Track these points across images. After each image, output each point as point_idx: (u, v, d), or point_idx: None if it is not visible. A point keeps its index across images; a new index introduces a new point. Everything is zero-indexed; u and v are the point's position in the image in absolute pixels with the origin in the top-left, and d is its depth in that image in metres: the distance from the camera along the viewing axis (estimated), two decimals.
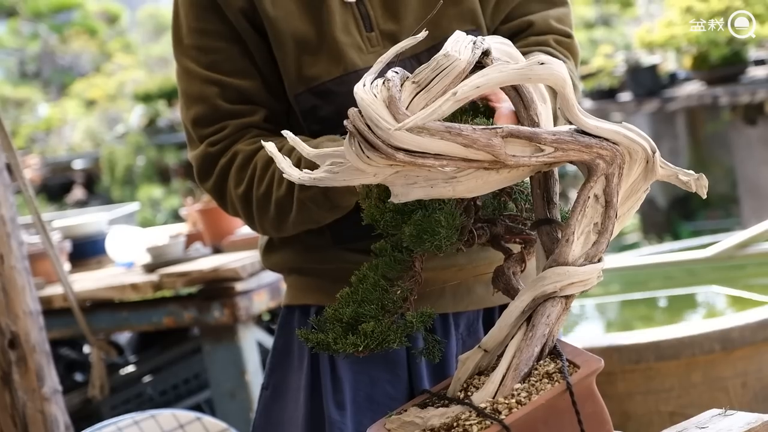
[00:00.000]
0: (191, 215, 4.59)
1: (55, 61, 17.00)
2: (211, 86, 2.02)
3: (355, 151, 1.36)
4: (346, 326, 1.52)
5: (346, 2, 2.01)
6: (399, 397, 2.05)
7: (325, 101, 1.99)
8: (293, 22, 2.00)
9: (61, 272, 3.83)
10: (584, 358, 1.46)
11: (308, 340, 1.53)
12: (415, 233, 1.48)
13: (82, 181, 13.66)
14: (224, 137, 2.02)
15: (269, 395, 2.19)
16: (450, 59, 1.36)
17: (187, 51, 2.06)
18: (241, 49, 2.03)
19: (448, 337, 2.09)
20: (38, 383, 3.00)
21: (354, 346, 1.49)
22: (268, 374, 2.20)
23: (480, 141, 1.35)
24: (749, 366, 3.22)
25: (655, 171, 1.47)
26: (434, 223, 1.47)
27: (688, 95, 8.49)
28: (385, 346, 1.50)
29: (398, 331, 1.51)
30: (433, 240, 1.47)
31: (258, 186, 1.97)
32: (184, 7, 2.06)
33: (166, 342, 4.93)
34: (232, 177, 2.01)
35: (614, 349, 3.21)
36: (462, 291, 2.08)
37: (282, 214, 1.97)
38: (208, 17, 2.03)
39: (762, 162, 8.56)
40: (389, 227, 1.54)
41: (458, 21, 2.03)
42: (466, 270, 2.04)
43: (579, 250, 1.47)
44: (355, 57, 1.99)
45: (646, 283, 4.62)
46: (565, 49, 2.09)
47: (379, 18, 2.02)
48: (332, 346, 1.51)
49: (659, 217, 9.90)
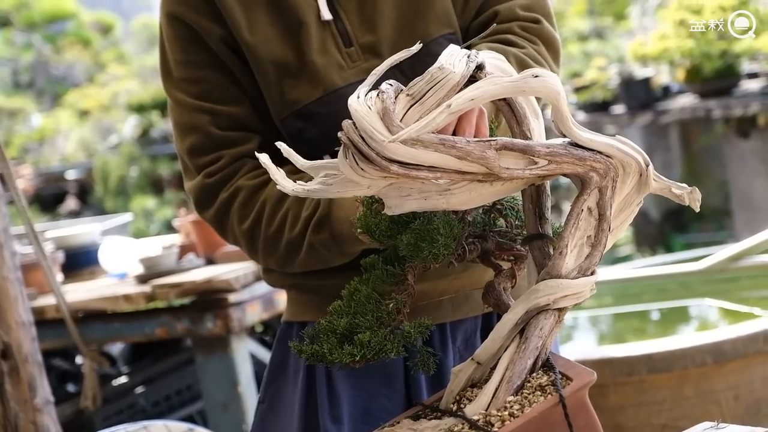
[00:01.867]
0: (184, 226, 4.58)
1: (49, 72, 17.01)
2: (202, 114, 2.03)
3: (349, 163, 1.36)
4: (341, 337, 1.51)
5: (323, 21, 2.01)
6: (396, 411, 2.04)
7: (309, 123, 1.99)
8: (271, 48, 2.00)
9: (54, 283, 3.83)
10: (577, 370, 1.46)
11: (302, 352, 1.53)
12: (413, 241, 1.48)
13: (75, 192, 13.66)
14: (221, 168, 2.01)
15: (265, 408, 2.18)
16: (444, 72, 1.36)
17: (177, 83, 2.06)
18: (228, 77, 2.03)
19: (446, 350, 2.09)
20: (30, 394, 3.00)
21: (351, 356, 1.49)
22: (264, 388, 2.19)
23: (474, 153, 1.35)
24: (741, 379, 3.22)
25: (649, 184, 1.47)
26: (433, 231, 1.47)
27: (682, 108, 8.51)
28: (383, 356, 1.50)
29: (395, 341, 1.51)
30: (431, 248, 1.47)
31: (267, 225, 1.97)
32: (168, 42, 2.06)
33: (159, 353, 4.92)
34: (235, 212, 2.00)
35: (607, 362, 3.22)
36: (461, 299, 2.08)
37: (291, 254, 1.97)
38: (193, 48, 2.03)
39: (755, 175, 8.58)
40: (384, 237, 1.54)
41: (434, 24, 2.02)
42: (463, 278, 2.03)
43: (572, 263, 1.47)
44: (335, 76, 1.99)
45: (639, 295, 4.62)
46: (531, 34, 2.05)
47: (357, 32, 2.01)
48: (327, 357, 1.50)
49: (652, 229, 9.92)
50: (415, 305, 1.57)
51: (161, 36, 2.09)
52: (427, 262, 1.50)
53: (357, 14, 2.02)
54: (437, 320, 2.05)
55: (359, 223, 1.59)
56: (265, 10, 2.01)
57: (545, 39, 2.07)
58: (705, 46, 7.89)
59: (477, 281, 1.99)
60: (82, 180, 14.06)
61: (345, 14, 2.02)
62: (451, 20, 2.05)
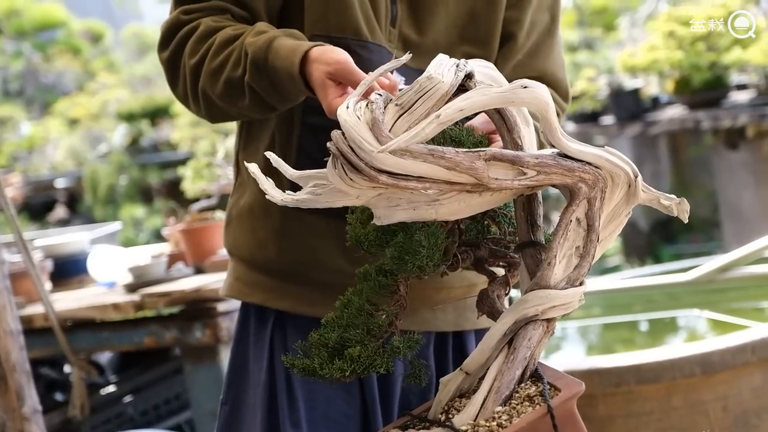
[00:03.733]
0: (173, 235, 4.58)
1: (39, 80, 16.98)
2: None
3: (338, 173, 1.37)
4: (332, 351, 1.51)
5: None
6: (354, 415, 2.05)
7: None
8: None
9: (43, 291, 3.82)
10: (565, 381, 1.46)
11: (294, 366, 1.53)
12: (397, 255, 1.48)
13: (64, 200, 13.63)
14: (199, 9, 1.98)
15: (228, 411, 2.18)
16: (433, 82, 1.36)
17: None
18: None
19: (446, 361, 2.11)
20: (18, 403, 2.99)
21: (341, 371, 1.49)
22: (225, 389, 2.19)
23: (463, 164, 1.35)
24: (730, 390, 3.22)
25: (637, 195, 1.48)
26: (415, 243, 1.47)
27: (671, 119, 8.53)
28: (372, 370, 1.50)
29: (385, 356, 1.51)
30: (415, 261, 1.47)
31: (211, 59, 1.92)
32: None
33: (148, 362, 4.91)
34: (189, 47, 1.96)
35: (595, 372, 3.21)
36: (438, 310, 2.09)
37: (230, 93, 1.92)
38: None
39: (743, 186, 8.59)
40: (373, 246, 1.54)
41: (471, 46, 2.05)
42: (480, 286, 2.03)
43: (561, 274, 1.47)
44: (380, 37, 1.99)
45: (628, 306, 4.62)
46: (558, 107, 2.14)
47: (404, 23, 2.02)
48: (318, 372, 1.50)
49: (641, 240, 9.92)
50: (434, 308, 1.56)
51: None
52: (412, 275, 1.50)
53: (408, 8, 2.02)
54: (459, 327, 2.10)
55: (349, 234, 1.58)
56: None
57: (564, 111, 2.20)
58: (694, 58, 7.90)
59: None
60: (72, 188, 14.03)
61: (400, 3, 2.02)
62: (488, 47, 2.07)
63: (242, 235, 2.11)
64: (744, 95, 8.29)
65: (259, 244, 2.08)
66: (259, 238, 2.08)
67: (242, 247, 2.12)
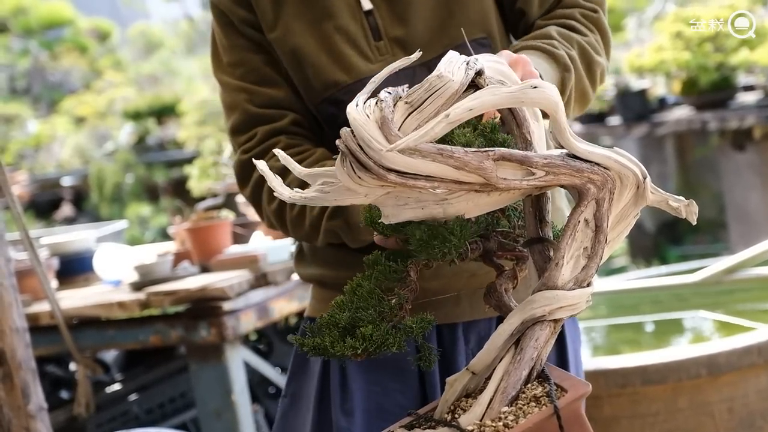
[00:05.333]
0: (179, 234, 4.58)
1: (45, 78, 17.02)
2: (240, 93, 2.14)
3: (346, 171, 1.36)
4: (343, 331, 1.51)
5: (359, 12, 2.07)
6: (410, 407, 2.05)
7: (340, 110, 2.05)
8: (294, 39, 2.08)
9: (48, 289, 3.82)
10: (572, 382, 1.46)
11: (304, 345, 1.53)
12: (425, 238, 1.47)
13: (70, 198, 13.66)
14: (255, 144, 2.12)
15: (287, 403, 2.24)
16: (443, 80, 1.36)
17: (223, 68, 2.18)
18: (264, 59, 2.14)
19: (457, 351, 2.11)
20: (24, 400, 2.99)
21: (353, 349, 1.49)
22: (287, 383, 2.26)
23: (471, 164, 1.35)
24: (735, 391, 3.22)
25: (646, 196, 1.47)
26: (446, 231, 1.46)
27: (677, 120, 8.52)
28: (384, 349, 1.49)
29: (397, 336, 1.50)
30: (443, 247, 1.46)
31: (291, 208, 2.07)
32: (216, 29, 2.19)
33: (153, 360, 4.91)
34: (266, 192, 2.11)
35: (601, 373, 3.21)
36: (477, 298, 2.09)
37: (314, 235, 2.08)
38: (233, 34, 2.16)
39: (750, 187, 8.58)
40: (388, 229, 1.54)
41: (468, 27, 2.06)
42: (480, 277, 2.04)
43: (568, 275, 1.46)
44: (362, 66, 2.03)
45: (634, 307, 4.62)
46: (590, 23, 2.14)
47: (387, 26, 2.06)
48: (329, 350, 1.50)
49: (647, 241, 9.92)
50: (430, 300, 1.58)
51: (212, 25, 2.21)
52: (434, 260, 1.50)
53: (388, 8, 2.07)
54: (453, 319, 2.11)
55: (363, 214, 1.59)
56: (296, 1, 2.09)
57: (601, 29, 2.15)
58: (701, 59, 7.90)
59: None
60: (78, 187, 14.05)
61: (377, 8, 2.06)
62: (486, 24, 2.10)
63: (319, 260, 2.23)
64: (751, 96, 8.29)
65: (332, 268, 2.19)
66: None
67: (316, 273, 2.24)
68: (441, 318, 2.10)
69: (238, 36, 2.14)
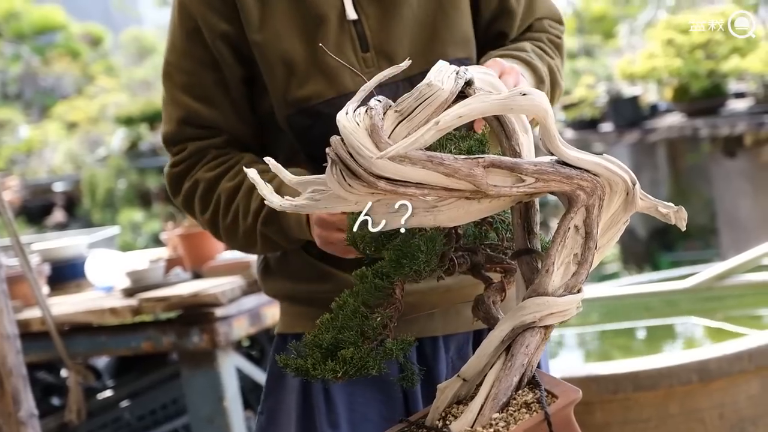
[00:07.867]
0: (172, 240, 4.57)
1: (37, 83, 16.98)
2: (178, 108, 2.12)
3: (336, 179, 1.36)
4: (326, 352, 1.51)
5: (346, 21, 2.05)
6: (394, 418, 2.05)
7: (317, 122, 2.03)
8: (282, 45, 2.04)
9: (40, 295, 3.82)
10: (562, 388, 1.46)
11: (287, 366, 1.53)
12: (395, 258, 1.48)
13: (62, 204, 13.63)
14: (184, 158, 2.13)
15: (264, 420, 2.21)
16: (433, 89, 1.36)
17: (170, 65, 2.15)
18: (215, 78, 2.10)
19: (438, 360, 2.10)
20: (14, 407, 2.98)
21: (333, 372, 1.49)
22: (263, 400, 2.22)
23: (461, 171, 1.35)
24: (726, 397, 3.22)
25: (635, 203, 1.48)
26: (414, 248, 1.47)
27: (669, 127, 8.54)
28: (364, 372, 1.50)
29: (377, 358, 1.51)
30: (412, 265, 1.47)
31: (224, 217, 2.08)
32: (174, 26, 2.14)
33: (145, 367, 4.90)
34: (197, 203, 2.12)
35: (592, 380, 3.22)
36: (451, 313, 2.09)
37: (250, 242, 2.08)
38: (192, 41, 2.10)
39: (741, 194, 8.60)
40: (369, 249, 1.55)
41: (452, 47, 2.07)
42: (454, 292, 2.04)
43: (558, 281, 1.47)
44: (347, 79, 2.02)
45: (625, 313, 4.62)
46: (556, 48, 2.24)
47: (375, 38, 2.05)
48: (311, 372, 1.50)
49: (639, 247, 9.93)
50: (405, 318, 1.57)
51: (171, 17, 2.16)
52: (409, 279, 1.51)
53: (377, 20, 2.06)
54: (428, 333, 2.09)
55: (346, 236, 1.59)
56: (284, 7, 2.05)
57: (563, 56, 2.26)
58: (693, 66, 7.92)
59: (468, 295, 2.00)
60: (70, 192, 14.03)
61: (366, 18, 2.05)
62: (467, 46, 2.12)
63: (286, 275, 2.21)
64: (742, 103, 8.31)
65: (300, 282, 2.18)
66: None
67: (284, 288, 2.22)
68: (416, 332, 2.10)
69: (199, 46, 2.09)
